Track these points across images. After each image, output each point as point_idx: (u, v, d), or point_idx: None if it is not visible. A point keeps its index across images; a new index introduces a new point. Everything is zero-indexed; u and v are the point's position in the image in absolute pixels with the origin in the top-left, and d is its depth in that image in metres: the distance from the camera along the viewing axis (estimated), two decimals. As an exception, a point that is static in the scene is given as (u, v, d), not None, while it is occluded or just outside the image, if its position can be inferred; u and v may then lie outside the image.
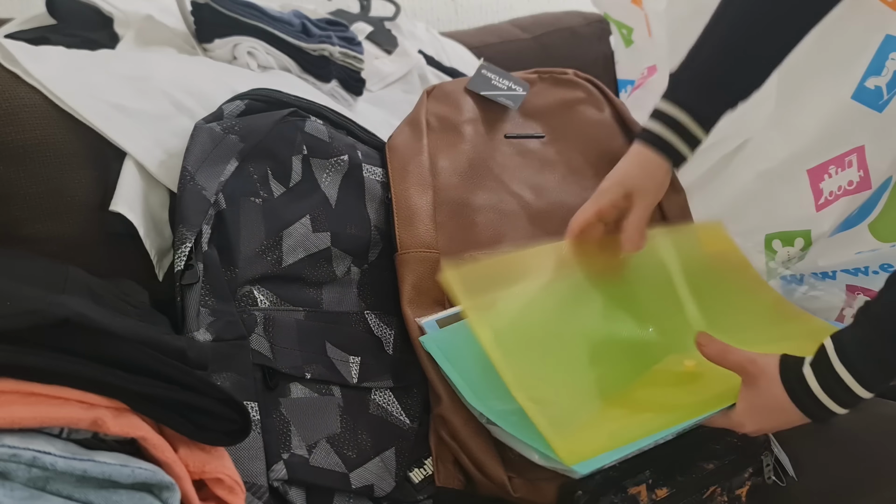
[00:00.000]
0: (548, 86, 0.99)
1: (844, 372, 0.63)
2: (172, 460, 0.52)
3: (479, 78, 0.95)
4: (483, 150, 0.90)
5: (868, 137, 0.88)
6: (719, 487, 0.73)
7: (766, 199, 0.96)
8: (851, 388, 0.63)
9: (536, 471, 0.72)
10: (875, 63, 0.86)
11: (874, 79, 0.87)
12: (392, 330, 0.82)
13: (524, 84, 0.96)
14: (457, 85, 0.95)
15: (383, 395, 0.78)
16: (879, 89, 0.87)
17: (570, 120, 0.97)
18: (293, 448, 0.68)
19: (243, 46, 0.93)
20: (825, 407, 0.65)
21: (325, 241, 0.80)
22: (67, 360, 0.49)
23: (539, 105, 0.97)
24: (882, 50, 0.86)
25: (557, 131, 0.96)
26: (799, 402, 0.66)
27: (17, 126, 0.73)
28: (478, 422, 0.73)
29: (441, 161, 0.87)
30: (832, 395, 0.64)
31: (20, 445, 0.46)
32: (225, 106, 0.80)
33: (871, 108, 0.87)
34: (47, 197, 0.74)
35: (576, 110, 0.98)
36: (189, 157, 0.74)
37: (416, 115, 0.91)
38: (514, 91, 0.96)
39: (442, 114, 0.91)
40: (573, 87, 1.00)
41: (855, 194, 0.91)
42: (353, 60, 0.99)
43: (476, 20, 1.53)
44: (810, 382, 0.65)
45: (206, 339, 0.68)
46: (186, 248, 0.70)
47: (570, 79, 1.01)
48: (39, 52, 0.79)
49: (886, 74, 0.86)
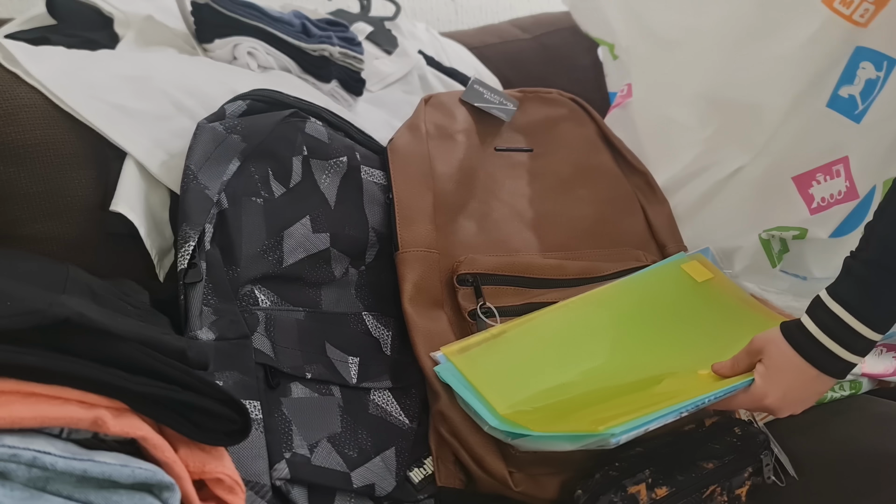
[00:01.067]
0: (533, 104, 1.02)
1: (839, 308, 0.65)
2: (172, 460, 0.52)
3: (471, 91, 0.98)
4: (475, 160, 0.93)
5: (850, 149, 0.91)
6: (719, 487, 0.73)
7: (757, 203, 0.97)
8: (849, 324, 0.65)
9: (538, 465, 0.73)
10: (847, 72, 0.88)
11: (847, 87, 0.89)
12: (390, 331, 0.82)
13: (514, 100, 0.99)
14: (451, 96, 0.98)
15: (382, 395, 0.78)
16: (853, 98, 0.89)
17: (555, 135, 1.00)
18: (295, 447, 0.68)
19: (243, 47, 0.93)
20: (832, 352, 0.66)
21: (325, 242, 0.80)
22: (67, 360, 0.49)
23: (526, 122, 1.00)
24: (853, 60, 0.88)
25: (544, 146, 0.99)
26: (804, 352, 0.67)
27: (17, 126, 0.73)
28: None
29: (439, 167, 0.89)
30: (833, 336, 0.66)
31: (20, 445, 0.46)
32: (227, 106, 0.80)
33: (848, 118, 0.89)
34: (47, 197, 0.74)
35: (560, 126, 1.01)
36: (192, 155, 0.74)
37: (415, 120, 0.93)
38: (505, 105, 0.99)
39: (438, 122, 0.93)
40: (557, 104, 1.04)
41: (845, 203, 0.92)
42: (353, 61, 0.99)
43: (476, 20, 1.53)
44: (809, 328, 0.67)
45: (209, 338, 0.68)
46: (190, 246, 0.70)
47: (555, 97, 1.04)
48: (39, 52, 0.79)
49: (858, 84, 0.89)
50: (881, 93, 0.87)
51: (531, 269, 0.85)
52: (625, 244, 0.95)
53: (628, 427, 0.65)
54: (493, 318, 0.80)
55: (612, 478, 0.70)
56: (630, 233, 0.96)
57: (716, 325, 0.83)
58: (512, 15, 1.47)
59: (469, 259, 0.82)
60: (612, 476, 0.70)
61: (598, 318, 0.82)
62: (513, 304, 0.82)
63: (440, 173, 0.88)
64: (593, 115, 1.05)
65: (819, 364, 0.67)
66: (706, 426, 0.79)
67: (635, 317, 0.83)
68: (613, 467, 0.71)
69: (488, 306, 0.80)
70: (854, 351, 0.66)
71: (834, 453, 0.82)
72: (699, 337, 0.81)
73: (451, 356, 0.75)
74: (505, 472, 0.71)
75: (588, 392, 0.74)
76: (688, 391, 0.70)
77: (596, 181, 0.98)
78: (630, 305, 0.84)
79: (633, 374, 0.76)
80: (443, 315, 0.80)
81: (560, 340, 0.79)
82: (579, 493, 0.70)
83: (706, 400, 0.69)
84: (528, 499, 0.72)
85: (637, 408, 0.68)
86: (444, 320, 0.80)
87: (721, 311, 0.85)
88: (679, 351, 0.79)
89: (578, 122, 1.03)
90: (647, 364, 0.77)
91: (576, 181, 0.97)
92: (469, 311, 0.80)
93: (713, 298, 0.86)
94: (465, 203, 0.89)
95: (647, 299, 0.85)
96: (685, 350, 0.79)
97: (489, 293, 0.81)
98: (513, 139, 0.98)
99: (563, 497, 0.73)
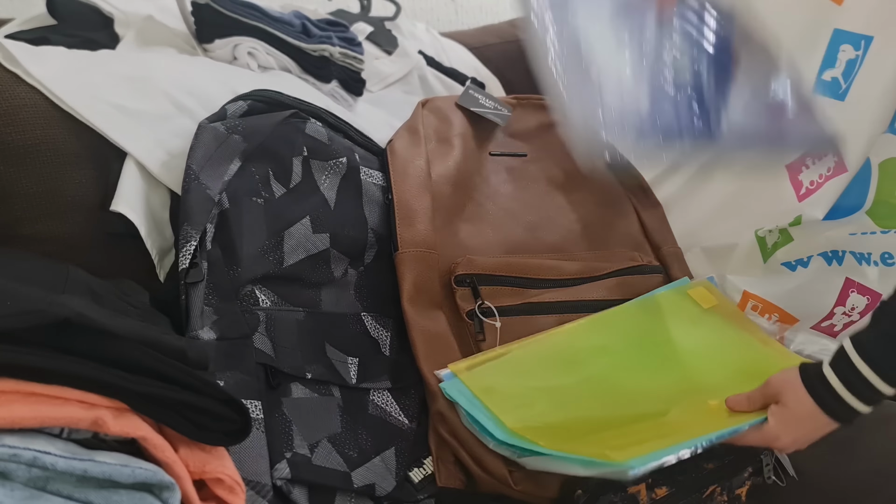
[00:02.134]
0: (527, 110, 1.04)
1: (863, 366, 0.65)
2: (173, 460, 0.52)
3: (467, 96, 0.98)
4: (471, 164, 0.93)
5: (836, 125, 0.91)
6: (719, 487, 0.73)
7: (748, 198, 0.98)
8: (872, 383, 0.65)
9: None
10: (828, 56, 0.91)
11: (829, 71, 0.92)
12: (388, 332, 0.82)
13: (508, 106, 1.01)
14: (447, 101, 0.99)
15: (382, 395, 0.78)
16: (836, 80, 0.92)
17: (548, 140, 1.01)
18: (295, 447, 0.68)
19: (243, 47, 0.93)
20: (848, 405, 0.66)
21: (325, 243, 0.80)
22: (68, 360, 0.49)
23: (520, 128, 1.01)
24: (833, 43, 0.91)
25: (538, 150, 1.00)
26: (823, 403, 0.67)
27: (17, 126, 0.73)
28: None
29: (436, 169, 0.89)
30: (853, 391, 0.66)
31: (20, 445, 0.46)
32: (228, 106, 0.80)
33: (834, 98, 0.92)
34: (47, 197, 0.74)
35: (553, 131, 1.02)
36: (193, 155, 0.74)
37: (413, 123, 0.94)
38: (499, 111, 1.00)
39: (435, 126, 0.94)
40: (549, 111, 1.04)
41: (836, 177, 0.94)
42: (354, 61, 0.99)
43: (476, 20, 1.53)
44: (831, 380, 0.67)
45: (211, 338, 0.68)
46: (192, 245, 0.70)
47: (546, 104, 1.05)
48: (39, 52, 0.79)
49: (840, 66, 0.91)
50: (861, 68, 0.89)
51: (528, 270, 0.85)
52: (619, 246, 0.96)
53: (647, 460, 0.64)
54: (492, 317, 0.80)
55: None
56: (624, 234, 0.97)
57: (721, 351, 0.83)
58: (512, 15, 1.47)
59: (467, 260, 0.82)
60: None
61: (604, 341, 0.82)
62: (511, 303, 0.82)
63: (437, 176, 0.89)
64: None
65: (835, 414, 0.67)
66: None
67: (642, 341, 0.84)
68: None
69: (487, 305, 0.80)
70: (869, 403, 0.67)
71: (834, 453, 0.82)
72: (705, 363, 0.81)
73: (459, 373, 0.75)
74: (505, 470, 0.71)
75: (597, 415, 0.74)
76: (700, 424, 0.70)
77: (589, 185, 0.99)
78: (637, 329, 0.84)
79: (641, 399, 0.76)
80: (441, 315, 0.80)
81: (567, 362, 0.79)
82: (579, 493, 0.69)
83: (721, 436, 0.69)
84: (528, 497, 0.72)
85: (650, 437, 0.68)
86: (443, 320, 0.80)
87: (726, 337, 0.86)
88: (686, 377, 0.79)
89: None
90: (655, 389, 0.77)
91: (570, 185, 0.98)
92: (467, 311, 0.80)
93: (718, 325, 0.87)
94: (462, 206, 0.89)
95: (653, 324, 0.86)
96: (691, 376, 0.79)
97: (487, 293, 0.81)
98: (507, 144, 0.99)
99: (563, 495, 0.73)
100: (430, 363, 0.76)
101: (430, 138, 0.92)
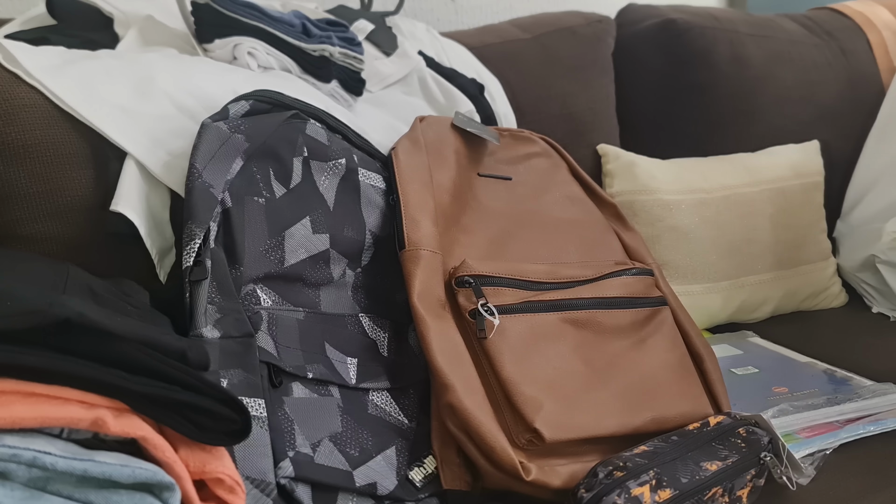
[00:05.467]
0: (510, 141, 1.08)
1: None
2: (173, 460, 0.52)
3: (459, 118, 1.00)
4: (464, 179, 0.96)
5: None
6: (721, 488, 0.73)
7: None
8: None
9: (549, 456, 0.72)
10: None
11: None
12: (385, 333, 0.83)
13: (495, 134, 1.04)
14: (443, 119, 1.01)
15: (381, 395, 0.78)
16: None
17: (531, 167, 1.06)
18: (298, 446, 0.68)
19: (243, 47, 0.92)
20: None
21: (325, 243, 0.80)
22: (68, 360, 0.48)
23: (504, 156, 1.06)
24: None
25: (522, 175, 1.04)
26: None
27: (17, 126, 0.73)
28: (490, 406, 0.73)
29: (436, 177, 0.91)
30: None
31: (20, 445, 0.46)
32: (230, 105, 0.80)
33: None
34: (47, 196, 0.74)
35: (535, 160, 1.08)
36: (197, 154, 0.74)
37: (413, 134, 0.95)
38: (491, 133, 1.02)
39: (433, 139, 0.96)
40: (531, 143, 1.10)
41: None
42: (354, 61, 0.99)
43: (476, 20, 1.53)
44: None
45: (214, 336, 0.68)
46: (196, 244, 0.70)
47: (528, 136, 1.11)
48: (39, 52, 0.79)
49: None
50: None
51: (527, 273, 0.85)
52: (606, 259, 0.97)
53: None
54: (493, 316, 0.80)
55: (616, 479, 0.70)
56: (609, 250, 0.99)
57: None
58: (512, 15, 1.47)
59: (466, 263, 0.83)
60: (616, 477, 0.70)
61: None
62: (511, 302, 0.82)
63: (438, 184, 0.90)
64: (563, 153, 1.11)
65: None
66: (711, 425, 0.79)
67: None
68: (618, 467, 0.71)
69: (489, 305, 0.80)
70: None
71: (834, 453, 0.82)
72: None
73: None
74: (515, 461, 0.70)
75: None
76: None
77: (572, 207, 1.02)
78: None
79: None
80: (447, 314, 0.80)
81: None
82: (582, 493, 0.69)
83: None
84: (536, 491, 0.72)
85: None
86: (450, 319, 0.80)
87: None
88: None
89: (550, 158, 1.09)
90: None
91: (554, 207, 1.00)
92: (469, 311, 0.80)
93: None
94: (459, 217, 0.91)
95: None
96: None
97: (487, 294, 0.81)
98: (494, 167, 1.02)
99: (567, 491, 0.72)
100: (444, 358, 0.75)
101: (429, 148, 0.94)
